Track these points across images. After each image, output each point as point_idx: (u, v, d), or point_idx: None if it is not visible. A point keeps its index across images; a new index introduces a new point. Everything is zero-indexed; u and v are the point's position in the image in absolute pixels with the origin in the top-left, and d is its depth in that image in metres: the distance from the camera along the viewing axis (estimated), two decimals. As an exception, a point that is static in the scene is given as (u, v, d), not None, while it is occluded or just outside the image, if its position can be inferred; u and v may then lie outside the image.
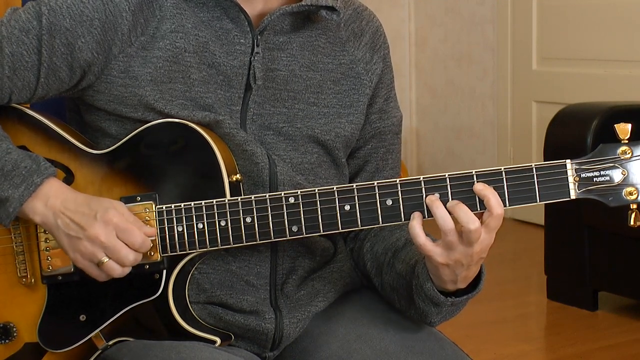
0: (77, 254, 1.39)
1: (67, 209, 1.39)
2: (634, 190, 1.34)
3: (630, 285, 3.41)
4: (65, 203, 1.39)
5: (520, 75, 4.93)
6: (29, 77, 1.44)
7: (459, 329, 3.28)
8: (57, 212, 1.39)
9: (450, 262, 1.37)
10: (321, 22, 1.53)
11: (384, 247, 1.55)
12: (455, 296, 1.43)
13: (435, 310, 1.45)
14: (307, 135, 1.51)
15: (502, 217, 1.35)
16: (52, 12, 1.43)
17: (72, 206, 1.39)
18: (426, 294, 1.43)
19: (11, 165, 1.40)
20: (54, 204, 1.39)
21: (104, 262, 1.38)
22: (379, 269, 1.55)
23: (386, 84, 1.60)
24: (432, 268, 1.40)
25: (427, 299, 1.43)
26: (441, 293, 1.43)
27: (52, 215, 1.39)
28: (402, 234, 1.54)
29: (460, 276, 1.39)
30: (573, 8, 4.60)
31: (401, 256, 1.51)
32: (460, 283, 1.41)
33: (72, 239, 1.38)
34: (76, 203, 1.39)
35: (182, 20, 1.46)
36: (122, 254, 1.37)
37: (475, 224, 1.33)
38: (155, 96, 1.44)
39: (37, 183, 1.39)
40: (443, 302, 1.43)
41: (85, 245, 1.38)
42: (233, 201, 1.40)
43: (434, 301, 1.43)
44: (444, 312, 1.46)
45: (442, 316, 1.47)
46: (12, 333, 1.47)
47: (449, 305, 1.44)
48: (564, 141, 3.45)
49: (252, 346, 1.50)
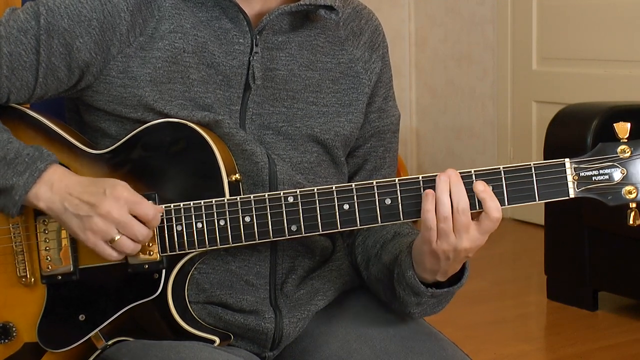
0: (89, 232, 1.38)
1: (75, 190, 1.39)
2: (633, 189, 1.34)
3: (630, 285, 3.41)
4: (71, 185, 1.39)
5: (520, 75, 4.93)
6: (27, 77, 1.44)
7: (459, 329, 3.28)
8: (63, 195, 1.39)
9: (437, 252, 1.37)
10: (320, 22, 1.53)
11: (374, 239, 1.56)
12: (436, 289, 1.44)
13: (415, 300, 1.45)
14: (307, 134, 1.51)
15: (499, 221, 1.35)
16: (51, 13, 1.43)
17: (78, 187, 1.39)
18: (407, 282, 1.43)
19: (14, 154, 1.40)
20: (59, 187, 1.39)
21: (117, 239, 1.38)
22: (367, 261, 1.55)
23: (385, 83, 1.60)
24: (418, 255, 1.40)
25: (407, 287, 1.44)
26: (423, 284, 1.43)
27: (59, 200, 1.39)
28: (393, 226, 1.55)
29: (442, 269, 1.40)
30: (573, 8, 4.60)
31: (389, 248, 1.51)
32: (440, 275, 1.41)
33: (83, 219, 1.38)
34: (82, 184, 1.39)
35: (180, 21, 1.46)
36: (135, 229, 1.37)
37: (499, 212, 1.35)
38: (155, 96, 1.44)
39: (40, 169, 1.39)
40: (423, 292, 1.43)
41: (97, 222, 1.37)
42: (232, 201, 1.40)
43: (414, 290, 1.43)
44: (424, 303, 1.46)
45: (422, 308, 1.47)
46: (12, 333, 1.48)
47: (429, 296, 1.44)
48: (564, 141, 3.45)
49: (252, 346, 1.50)
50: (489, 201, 1.34)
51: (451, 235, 1.35)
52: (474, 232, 1.36)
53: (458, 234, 1.35)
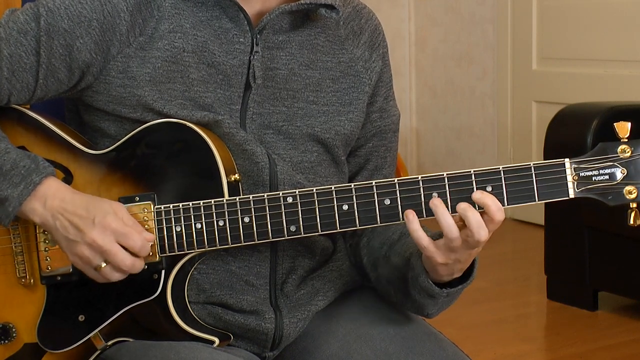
0: (76, 257, 1.39)
1: (66, 210, 1.39)
2: (633, 189, 1.34)
3: (630, 285, 3.41)
4: (64, 204, 1.39)
5: (520, 75, 4.93)
6: (27, 79, 1.44)
7: (459, 329, 3.29)
8: (55, 213, 1.39)
9: (449, 262, 1.37)
10: (320, 21, 1.53)
11: (380, 241, 1.55)
12: (450, 286, 1.44)
13: (431, 302, 1.45)
14: (307, 133, 1.51)
15: (501, 221, 1.35)
16: (51, 14, 1.43)
17: (70, 208, 1.39)
18: (421, 285, 1.43)
19: (10, 165, 1.40)
20: (52, 204, 1.39)
21: (102, 267, 1.38)
22: (375, 262, 1.55)
23: (385, 82, 1.60)
24: (430, 265, 1.40)
25: (422, 291, 1.44)
26: (436, 284, 1.43)
27: (51, 217, 1.39)
28: (398, 227, 1.55)
29: (455, 270, 1.40)
30: (573, 8, 4.59)
31: (396, 249, 1.51)
32: (456, 274, 1.42)
33: (70, 242, 1.38)
34: (74, 205, 1.39)
35: (180, 20, 1.46)
36: (119, 258, 1.37)
37: (485, 233, 1.33)
38: (154, 96, 1.44)
39: (35, 182, 1.39)
40: (438, 294, 1.43)
41: (82, 249, 1.38)
42: (231, 201, 1.40)
43: (429, 293, 1.43)
44: (440, 303, 1.46)
45: (439, 307, 1.48)
46: (12, 333, 1.47)
47: (444, 297, 1.44)
48: (564, 141, 3.45)
49: (252, 346, 1.50)
50: (492, 206, 1.34)
51: (461, 249, 1.36)
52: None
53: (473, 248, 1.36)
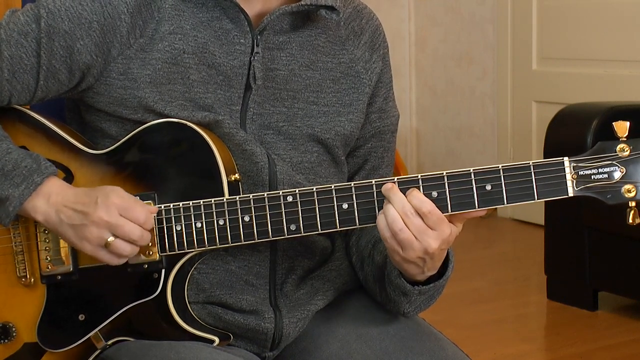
0: (85, 241, 1.39)
1: (69, 201, 1.39)
2: (632, 188, 1.34)
3: (630, 285, 3.41)
4: (66, 198, 1.40)
5: (520, 75, 4.93)
6: (28, 80, 1.44)
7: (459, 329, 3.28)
8: (59, 207, 1.39)
9: (410, 259, 1.37)
10: (321, 21, 1.53)
11: (366, 240, 1.56)
12: (424, 284, 1.44)
13: (405, 299, 1.46)
14: (307, 134, 1.51)
15: (434, 214, 1.34)
16: (51, 15, 1.43)
17: (72, 198, 1.40)
18: (394, 283, 1.44)
19: (12, 165, 1.40)
20: (56, 200, 1.40)
21: (111, 242, 1.38)
22: (362, 262, 1.55)
23: (385, 83, 1.60)
24: (396, 264, 1.41)
25: (396, 288, 1.44)
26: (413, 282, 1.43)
27: (55, 212, 1.39)
28: None
29: (425, 269, 1.40)
30: (573, 8, 4.60)
31: (379, 247, 1.51)
32: (429, 272, 1.41)
33: (77, 228, 1.39)
34: (76, 195, 1.40)
35: (180, 22, 1.46)
36: (127, 229, 1.37)
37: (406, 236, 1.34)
38: (155, 97, 1.44)
39: (37, 182, 1.39)
40: (410, 291, 1.43)
41: (90, 230, 1.38)
42: (231, 200, 1.40)
43: (402, 290, 1.44)
44: (415, 301, 1.46)
45: (416, 306, 1.48)
46: (12, 333, 1.48)
47: (417, 294, 1.44)
48: (564, 141, 3.45)
49: (252, 346, 1.50)
50: (398, 201, 1.34)
51: (415, 242, 1.35)
52: (435, 230, 1.35)
53: (420, 237, 1.35)
